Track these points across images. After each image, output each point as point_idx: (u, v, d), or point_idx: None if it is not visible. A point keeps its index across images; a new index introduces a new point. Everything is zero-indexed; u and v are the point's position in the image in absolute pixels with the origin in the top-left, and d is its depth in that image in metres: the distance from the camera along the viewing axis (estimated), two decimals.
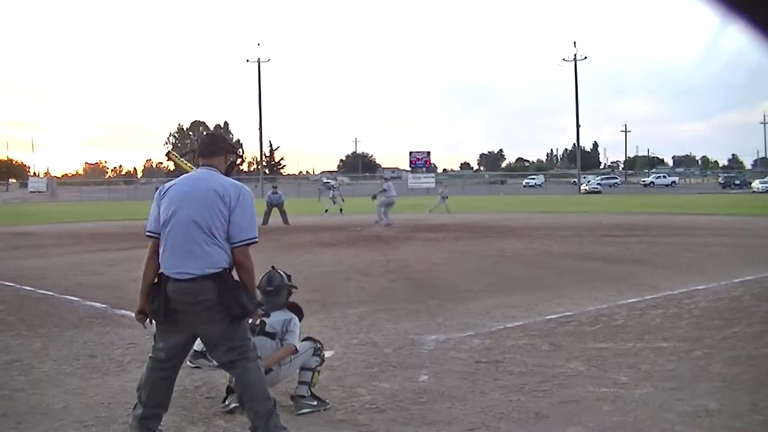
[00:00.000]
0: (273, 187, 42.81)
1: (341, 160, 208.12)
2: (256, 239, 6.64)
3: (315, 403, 7.97)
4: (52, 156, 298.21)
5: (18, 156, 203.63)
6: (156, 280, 6.51)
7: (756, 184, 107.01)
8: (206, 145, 6.96)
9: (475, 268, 20.66)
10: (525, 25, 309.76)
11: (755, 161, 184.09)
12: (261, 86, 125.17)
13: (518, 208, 56.13)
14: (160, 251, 6.49)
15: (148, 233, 6.59)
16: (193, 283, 6.34)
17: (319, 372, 8.23)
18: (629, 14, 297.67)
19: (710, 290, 15.48)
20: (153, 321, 6.54)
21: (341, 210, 50.21)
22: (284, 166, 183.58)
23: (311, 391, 8.05)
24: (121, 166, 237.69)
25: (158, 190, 6.73)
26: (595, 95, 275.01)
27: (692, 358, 9.93)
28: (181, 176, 6.86)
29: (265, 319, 7.95)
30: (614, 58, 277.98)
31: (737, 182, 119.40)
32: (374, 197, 39.17)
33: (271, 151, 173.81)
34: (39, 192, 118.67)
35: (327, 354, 9.79)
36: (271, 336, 8.06)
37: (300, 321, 8.44)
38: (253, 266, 6.56)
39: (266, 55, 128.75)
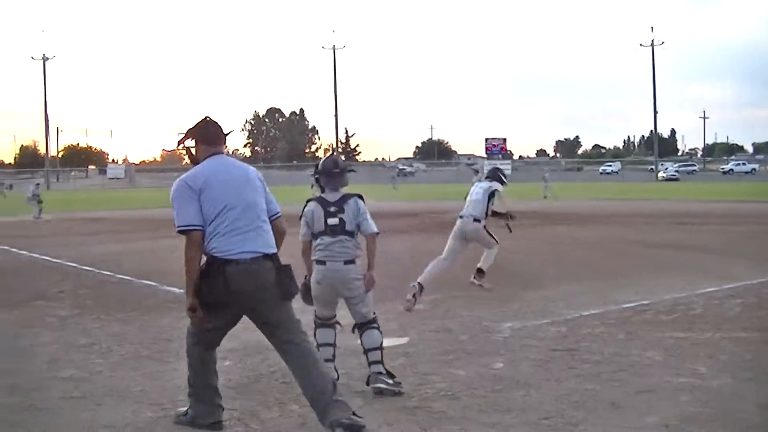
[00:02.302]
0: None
1: (417, 147, 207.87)
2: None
3: (391, 381, 8.02)
4: (130, 143, 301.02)
5: (97, 143, 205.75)
6: (205, 268, 6.51)
7: None
8: (217, 134, 6.94)
9: (550, 255, 20.56)
10: (601, 10, 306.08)
11: None
12: (336, 73, 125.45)
13: (595, 195, 55.65)
14: (212, 237, 6.49)
15: (190, 227, 6.49)
16: (256, 263, 6.48)
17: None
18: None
19: None
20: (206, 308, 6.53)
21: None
22: (360, 152, 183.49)
23: (386, 369, 8.11)
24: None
25: (186, 185, 6.59)
26: (673, 80, 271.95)
27: None
28: (203, 166, 6.77)
29: (338, 217, 8.18)
30: (692, 42, 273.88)
31: None
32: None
33: (347, 138, 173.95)
34: (117, 178, 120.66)
35: (402, 341, 9.88)
36: (350, 234, 8.19)
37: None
38: None
39: (341, 41, 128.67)
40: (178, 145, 6.94)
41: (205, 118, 6.92)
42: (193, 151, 6.88)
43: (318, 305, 8.40)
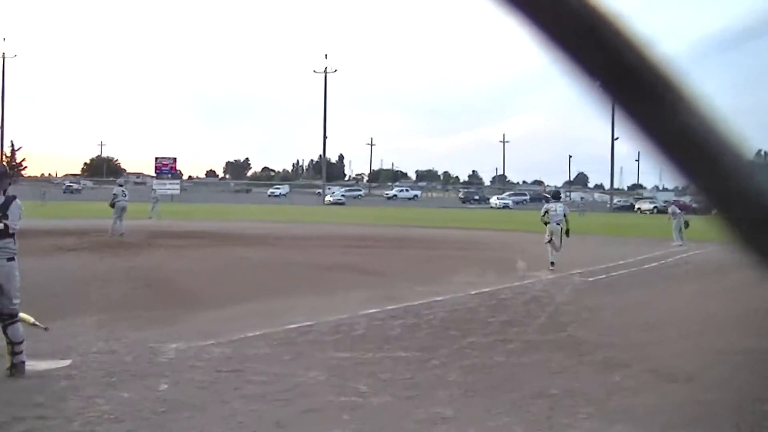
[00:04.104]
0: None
1: (85, 164, 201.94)
2: None
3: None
4: None
5: None
6: None
7: (494, 200, 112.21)
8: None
9: (217, 277, 20.53)
10: (274, 34, 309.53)
11: (494, 178, 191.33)
12: (4, 81, 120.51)
13: (263, 217, 56.15)
14: None
15: None
16: None
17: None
18: (384, 31, 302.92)
19: (448, 301, 15.94)
20: None
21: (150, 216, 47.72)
22: (26, 167, 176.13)
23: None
24: None
25: None
26: (343, 107, 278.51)
27: (429, 367, 10.19)
28: None
29: (2, 223, 8.99)
30: (362, 71, 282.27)
31: (476, 198, 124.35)
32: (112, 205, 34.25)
33: (13, 152, 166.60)
34: None
35: (64, 363, 9.66)
36: (12, 236, 9.18)
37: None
38: None
39: (11, 50, 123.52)
40: None
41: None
42: None
43: None
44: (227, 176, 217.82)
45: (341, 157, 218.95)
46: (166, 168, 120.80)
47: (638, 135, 1.04)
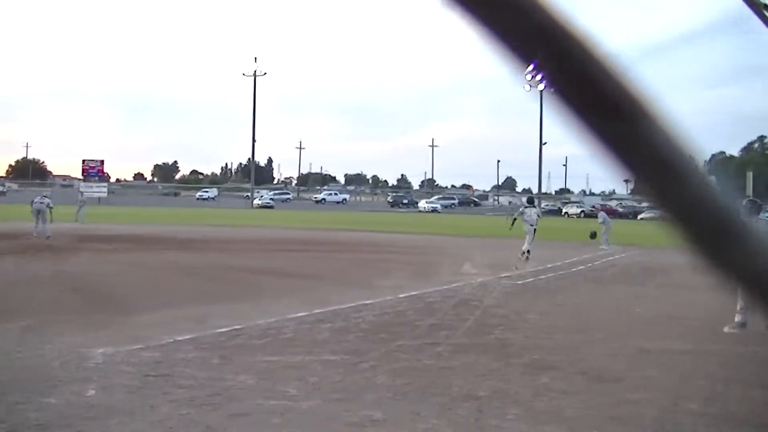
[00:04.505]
0: None
1: (11, 166, 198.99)
2: None
3: None
4: None
5: None
6: None
7: (422, 204, 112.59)
8: None
9: (146, 280, 20.38)
10: (203, 36, 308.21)
11: (422, 182, 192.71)
12: None
13: (192, 220, 55.81)
14: None
15: None
16: None
17: None
18: (313, 35, 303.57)
19: (377, 305, 15.98)
20: None
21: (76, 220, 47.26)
22: None
23: None
24: None
25: None
26: (273, 111, 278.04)
27: (359, 370, 10.22)
28: None
29: None
30: (294, 76, 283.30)
31: (405, 201, 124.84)
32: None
33: None
34: None
35: None
36: None
37: None
38: None
39: None
40: None
41: None
42: None
43: None
44: (155, 179, 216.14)
45: (270, 161, 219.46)
46: (93, 171, 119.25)
47: (589, 140, 1.05)
